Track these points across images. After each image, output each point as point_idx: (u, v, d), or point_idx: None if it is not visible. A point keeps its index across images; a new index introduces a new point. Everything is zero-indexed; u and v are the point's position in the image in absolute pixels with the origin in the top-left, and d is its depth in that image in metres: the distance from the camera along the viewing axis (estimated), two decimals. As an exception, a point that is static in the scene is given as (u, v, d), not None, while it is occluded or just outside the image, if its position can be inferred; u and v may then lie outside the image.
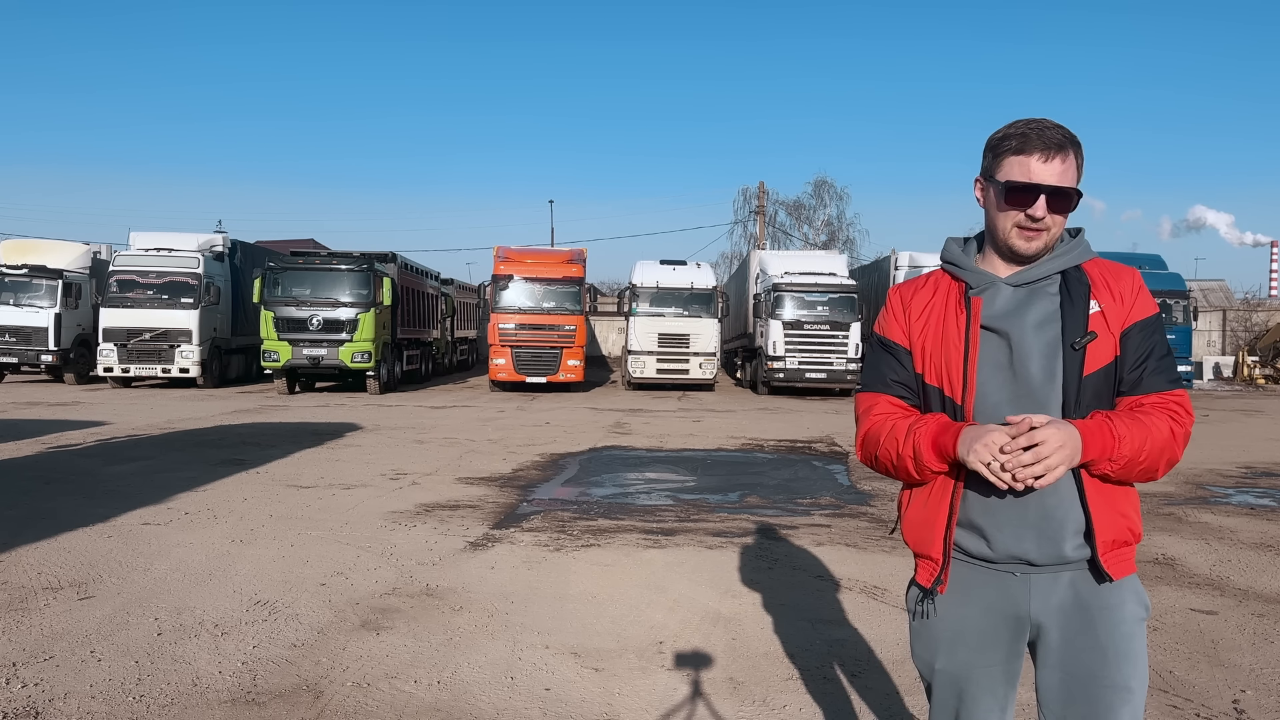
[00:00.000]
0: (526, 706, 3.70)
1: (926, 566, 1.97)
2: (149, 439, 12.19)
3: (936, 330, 1.95)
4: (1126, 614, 1.88)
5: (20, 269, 22.55)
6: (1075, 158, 1.86)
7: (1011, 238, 1.89)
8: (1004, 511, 1.86)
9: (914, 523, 1.98)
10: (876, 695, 3.84)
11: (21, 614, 4.73)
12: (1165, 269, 24.25)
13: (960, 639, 1.94)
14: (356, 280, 20.91)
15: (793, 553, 6.30)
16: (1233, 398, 24.71)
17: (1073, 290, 1.88)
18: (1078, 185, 1.86)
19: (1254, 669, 4.20)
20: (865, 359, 2.15)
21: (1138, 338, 1.87)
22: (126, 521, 6.98)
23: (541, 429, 14.35)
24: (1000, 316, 1.89)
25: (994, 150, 1.91)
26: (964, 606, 1.94)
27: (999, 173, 1.89)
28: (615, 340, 37.97)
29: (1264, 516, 7.92)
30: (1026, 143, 1.84)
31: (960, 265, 1.98)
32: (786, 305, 22.27)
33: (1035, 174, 1.82)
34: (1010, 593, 1.90)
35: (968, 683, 1.94)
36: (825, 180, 48.83)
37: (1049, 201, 1.83)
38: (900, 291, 2.07)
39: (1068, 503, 1.85)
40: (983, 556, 1.91)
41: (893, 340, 2.03)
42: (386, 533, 6.76)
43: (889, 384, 2.02)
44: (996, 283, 1.91)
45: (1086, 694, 1.87)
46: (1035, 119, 1.87)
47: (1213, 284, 42.91)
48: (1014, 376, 1.87)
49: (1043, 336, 1.87)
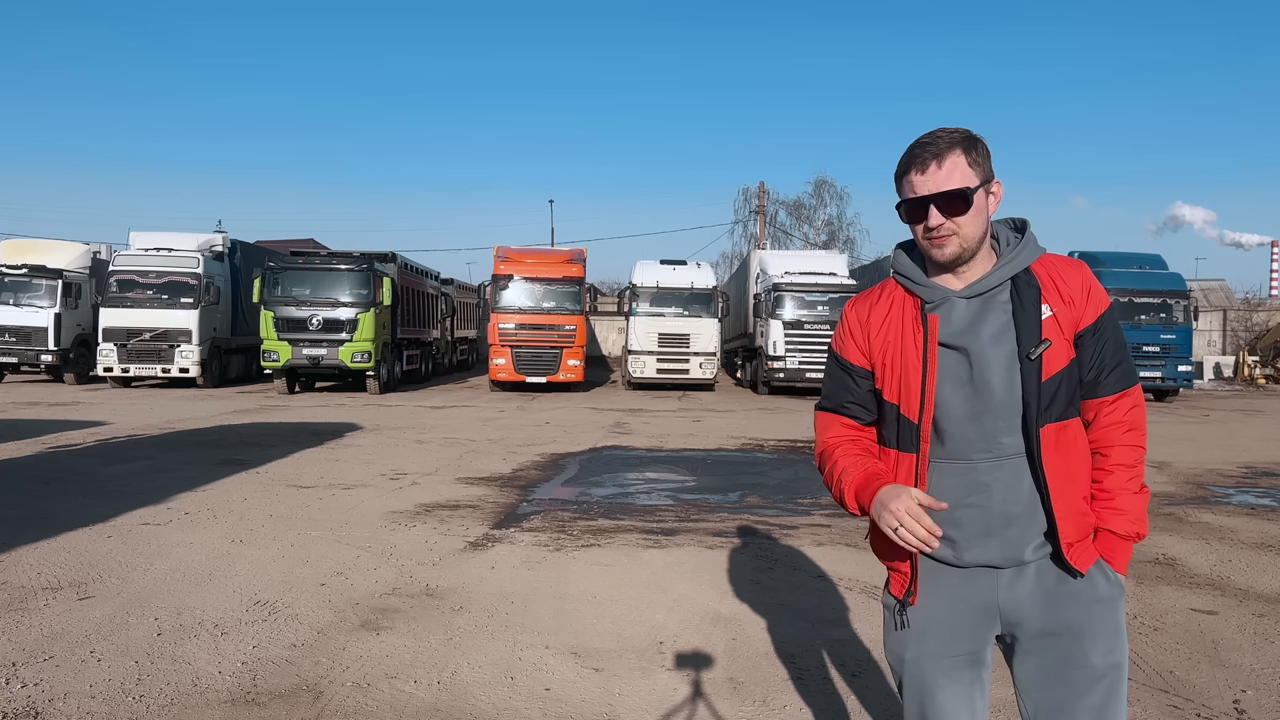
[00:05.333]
0: (526, 706, 3.69)
1: (897, 579, 2.04)
2: (149, 439, 12.19)
3: (896, 348, 1.97)
4: (1097, 596, 1.92)
5: (20, 269, 22.55)
6: (964, 155, 1.87)
7: (927, 250, 1.93)
8: (971, 522, 1.92)
9: (881, 536, 1.99)
10: (876, 695, 3.83)
11: (21, 614, 4.73)
12: (1165, 269, 24.19)
13: (929, 630, 1.99)
14: (356, 280, 20.92)
15: (793, 553, 6.29)
16: (1233, 397, 24.71)
17: (1023, 297, 1.91)
18: (974, 183, 1.87)
19: (1254, 669, 4.19)
20: (825, 374, 2.17)
21: (1091, 343, 1.92)
22: (126, 521, 6.98)
23: (541, 429, 14.35)
24: (958, 333, 1.92)
25: (895, 177, 1.96)
26: (932, 599, 1.99)
27: (900, 196, 1.95)
28: (615, 340, 37.97)
29: (1264, 516, 7.91)
30: (909, 161, 1.90)
31: (913, 279, 2.00)
32: (787, 305, 22.27)
33: (917, 187, 1.88)
34: (979, 586, 1.96)
35: (935, 673, 1.99)
36: (825, 180, 48.94)
37: (940, 208, 1.86)
38: (856, 308, 2.08)
39: (1029, 509, 1.91)
40: (950, 563, 1.97)
41: (850, 361, 2.06)
42: (386, 533, 6.76)
43: (844, 405, 2.08)
44: (950, 297, 1.94)
45: (1062, 677, 1.91)
46: (925, 134, 1.92)
47: (1213, 284, 42.86)
48: (975, 392, 1.91)
49: (1001, 349, 1.90)
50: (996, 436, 1.90)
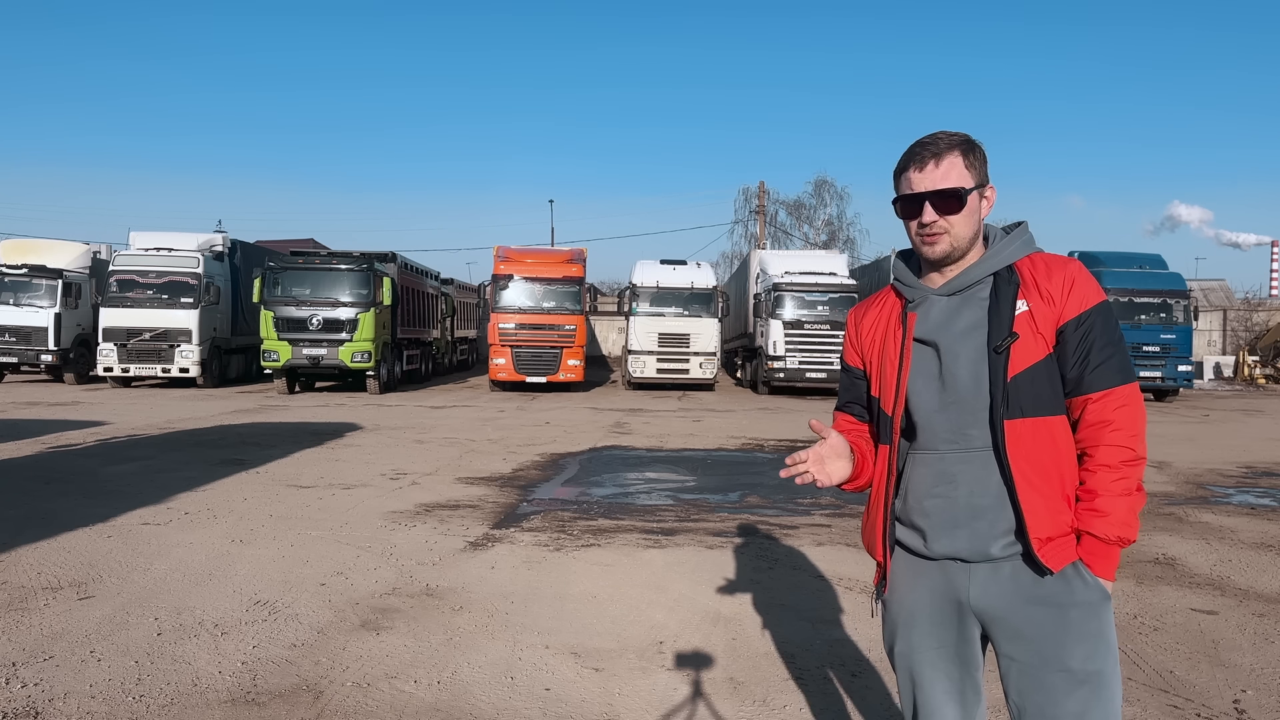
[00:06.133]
0: (526, 706, 3.69)
1: (878, 570, 2.13)
2: (149, 439, 12.19)
3: (879, 348, 2.09)
4: (1074, 599, 1.89)
5: (20, 269, 22.56)
6: (962, 158, 1.94)
7: (918, 247, 2.00)
8: (938, 513, 1.96)
9: (863, 527, 2.17)
10: (876, 695, 3.83)
11: (21, 614, 4.73)
12: (1165, 269, 24.19)
13: (913, 621, 2.04)
14: (356, 280, 20.92)
15: (793, 553, 6.29)
16: (1233, 397, 24.72)
17: (1000, 292, 1.95)
18: (969, 184, 1.93)
19: (1255, 669, 4.19)
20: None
21: (1073, 336, 1.91)
22: (126, 521, 6.98)
23: (541, 429, 14.35)
24: (932, 329, 1.98)
25: (894, 176, 2.02)
26: (914, 591, 2.03)
27: (896, 192, 2.01)
28: (615, 340, 37.97)
29: (1264, 516, 7.91)
30: (908, 159, 1.96)
31: (903, 281, 2.08)
32: (787, 305, 22.28)
33: (914, 184, 1.94)
34: (952, 579, 1.99)
35: (921, 665, 2.03)
36: (826, 180, 48.92)
37: (934, 205, 1.92)
38: (855, 313, 2.23)
39: (997, 502, 1.90)
40: (920, 553, 2.01)
41: (848, 363, 2.22)
42: (386, 533, 6.76)
43: (846, 404, 2.24)
44: (929, 295, 2.01)
45: (1040, 680, 1.90)
46: (925, 135, 1.98)
47: (1213, 284, 42.85)
48: (943, 386, 1.95)
49: (970, 343, 1.93)
50: (964, 429, 1.93)
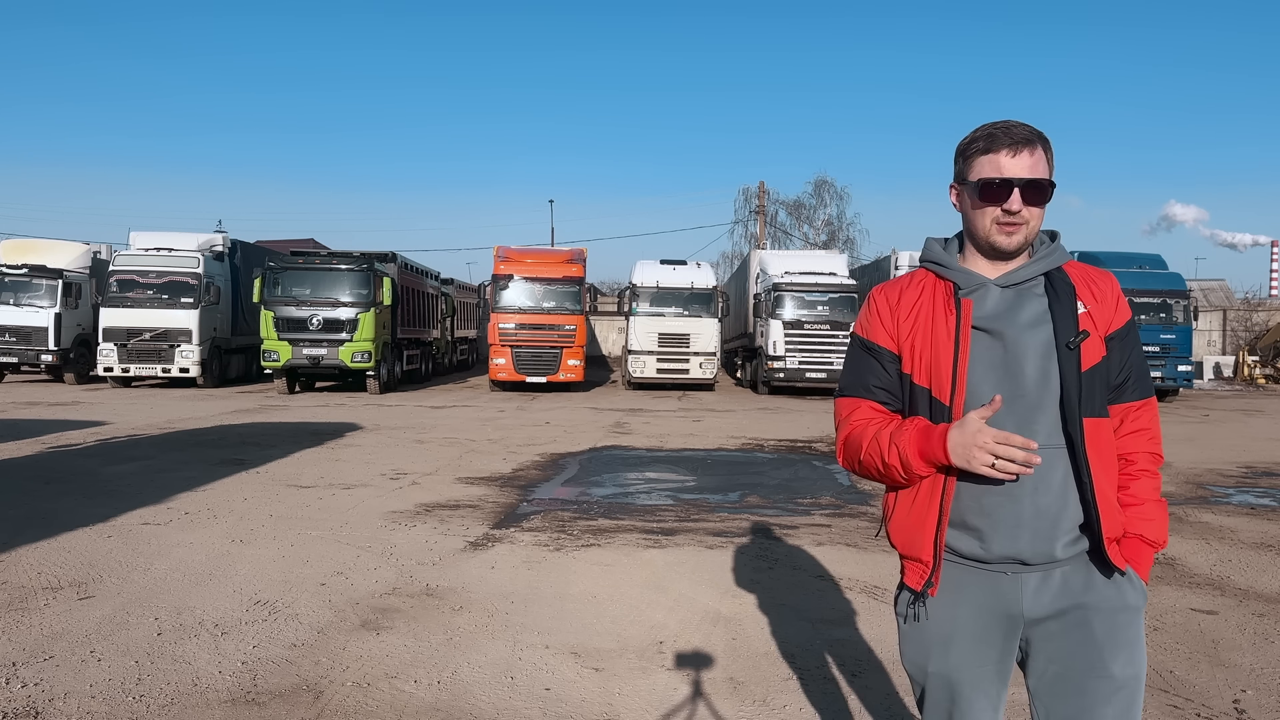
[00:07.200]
0: (526, 706, 3.69)
1: (915, 569, 1.95)
2: (149, 439, 12.19)
3: (926, 331, 1.93)
4: (1124, 604, 1.88)
5: (20, 269, 22.54)
6: (1045, 152, 1.88)
7: (992, 234, 1.89)
8: (999, 511, 1.85)
9: (902, 525, 1.96)
10: (876, 695, 3.83)
11: (21, 614, 4.73)
12: (1165, 268, 24.16)
13: (953, 641, 1.92)
14: (356, 280, 20.91)
15: (793, 553, 6.29)
16: (1233, 397, 24.71)
17: (1059, 290, 1.91)
18: (1050, 178, 1.89)
19: (1254, 669, 4.19)
20: (846, 361, 2.11)
21: (1119, 347, 1.93)
22: (126, 521, 6.98)
23: (541, 429, 14.34)
24: (992, 317, 1.88)
25: (964, 154, 1.93)
26: (956, 608, 1.91)
27: (971, 174, 1.91)
28: (615, 340, 37.96)
29: (1264, 516, 7.91)
30: (994, 141, 1.86)
31: (946, 265, 1.97)
32: (787, 305, 22.27)
33: (1005, 169, 1.85)
34: (1003, 592, 1.89)
35: (961, 684, 1.92)
36: (825, 180, 48.85)
37: (1023, 194, 1.85)
38: (885, 291, 2.03)
39: (1062, 500, 1.85)
40: (975, 557, 1.90)
41: (876, 343, 2.00)
42: (386, 533, 6.76)
43: (870, 389, 2.00)
44: (986, 284, 1.91)
45: (1081, 686, 1.87)
46: (1001, 121, 1.90)
47: (1213, 284, 42.84)
48: (1008, 376, 1.86)
49: (1037, 336, 1.87)
50: (1030, 424, 1.83)
